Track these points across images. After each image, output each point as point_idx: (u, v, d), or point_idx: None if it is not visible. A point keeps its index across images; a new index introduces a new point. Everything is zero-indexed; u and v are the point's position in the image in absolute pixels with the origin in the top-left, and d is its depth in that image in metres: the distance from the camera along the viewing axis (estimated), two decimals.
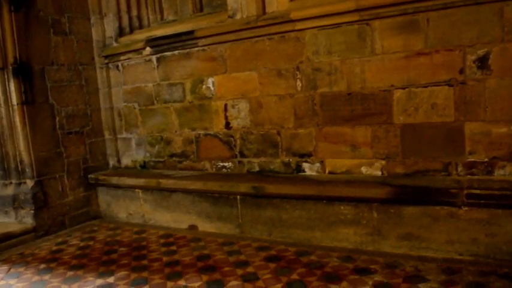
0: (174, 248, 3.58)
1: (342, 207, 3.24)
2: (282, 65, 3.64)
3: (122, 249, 3.66)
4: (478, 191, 2.78)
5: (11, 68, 4.01)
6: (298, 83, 3.59)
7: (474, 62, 2.89)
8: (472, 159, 2.98)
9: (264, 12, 3.68)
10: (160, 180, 4.14)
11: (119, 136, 4.86)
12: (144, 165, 4.72)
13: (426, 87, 3.07)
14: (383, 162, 3.32)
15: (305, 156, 3.65)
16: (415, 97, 3.12)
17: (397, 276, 2.67)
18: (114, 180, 4.53)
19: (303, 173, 3.67)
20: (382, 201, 3.06)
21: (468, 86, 2.93)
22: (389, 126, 3.25)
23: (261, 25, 3.64)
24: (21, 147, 4.12)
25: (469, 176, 2.98)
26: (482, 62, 2.86)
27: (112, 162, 4.94)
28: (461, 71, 2.93)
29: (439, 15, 2.96)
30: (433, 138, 3.10)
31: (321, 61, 3.46)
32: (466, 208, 2.82)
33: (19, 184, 4.19)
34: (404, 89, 3.15)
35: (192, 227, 4.04)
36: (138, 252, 3.53)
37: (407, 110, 3.16)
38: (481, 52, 2.85)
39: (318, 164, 3.60)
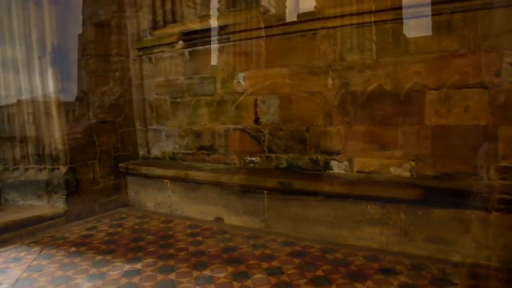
0: (200, 238, 3.64)
1: (369, 207, 3.23)
2: (313, 62, 3.64)
3: (149, 237, 3.75)
4: (509, 197, 2.73)
5: (49, 57, 4.13)
6: (330, 80, 3.59)
7: (510, 64, 2.83)
8: (505, 164, 2.92)
9: (297, 9, 3.68)
10: (189, 172, 4.20)
11: (149, 127, 4.96)
12: (173, 157, 4.80)
13: (460, 89, 3.03)
14: (412, 163, 3.29)
15: (333, 154, 3.65)
16: (448, 99, 3.08)
17: (423, 279, 2.66)
18: (144, 170, 4.62)
19: (331, 171, 3.68)
20: (410, 202, 3.04)
21: (503, 89, 2.87)
22: (420, 127, 3.22)
23: (294, 22, 3.65)
24: (56, 134, 4.26)
25: (501, 181, 2.93)
26: None
27: (142, 152, 5.05)
28: (497, 74, 2.88)
29: (476, 16, 2.91)
30: (465, 141, 3.05)
31: (354, 59, 3.45)
32: (497, 213, 2.76)
33: (52, 170, 4.33)
34: (437, 90, 3.11)
35: (218, 219, 4.09)
36: (165, 241, 3.61)
37: (439, 112, 3.12)
38: None
39: (346, 163, 3.59)
